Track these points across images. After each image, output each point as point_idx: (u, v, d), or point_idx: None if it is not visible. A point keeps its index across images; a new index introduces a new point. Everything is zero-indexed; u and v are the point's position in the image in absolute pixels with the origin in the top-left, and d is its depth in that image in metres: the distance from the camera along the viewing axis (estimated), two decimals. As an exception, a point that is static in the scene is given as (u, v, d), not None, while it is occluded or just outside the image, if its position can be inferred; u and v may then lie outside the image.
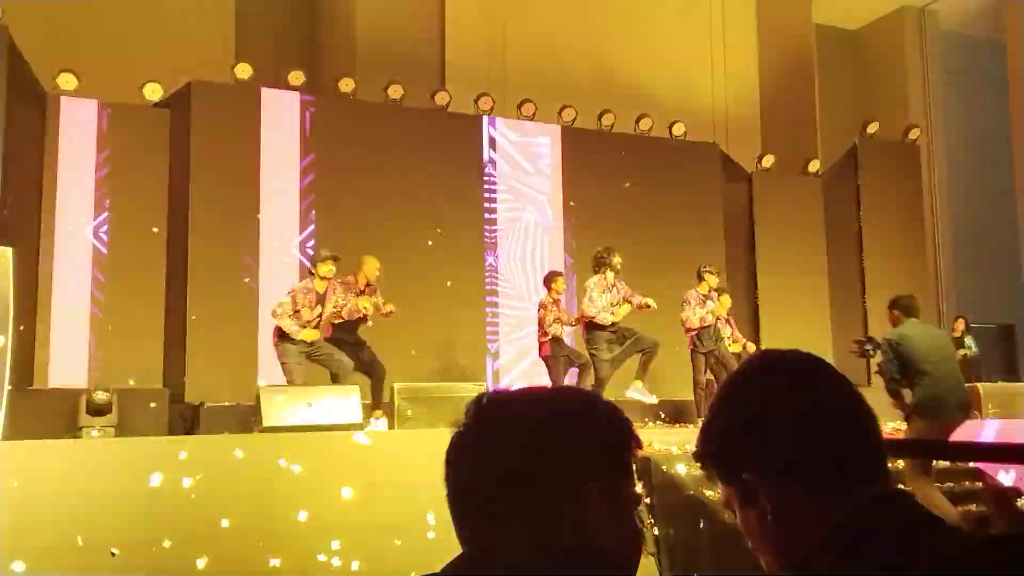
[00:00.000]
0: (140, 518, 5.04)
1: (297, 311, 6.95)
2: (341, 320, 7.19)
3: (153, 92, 8.63)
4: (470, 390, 7.10)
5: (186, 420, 7.83)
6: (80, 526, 4.88)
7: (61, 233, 8.36)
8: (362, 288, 7.34)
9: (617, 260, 7.72)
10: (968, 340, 10.98)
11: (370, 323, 7.35)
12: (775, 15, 12.79)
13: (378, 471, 5.52)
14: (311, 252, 9.00)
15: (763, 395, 1.05)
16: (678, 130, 10.89)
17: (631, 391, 7.71)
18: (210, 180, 8.59)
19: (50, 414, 7.18)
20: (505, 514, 0.97)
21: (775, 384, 1.06)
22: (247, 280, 8.70)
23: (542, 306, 7.89)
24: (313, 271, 7.14)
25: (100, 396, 7.24)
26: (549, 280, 8.05)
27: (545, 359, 7.88)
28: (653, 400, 7.89)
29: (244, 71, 8.74)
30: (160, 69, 8.81)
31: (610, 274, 7.69)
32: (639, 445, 1.04)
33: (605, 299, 7.64)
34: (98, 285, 8.45)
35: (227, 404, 7.75)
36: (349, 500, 5.41)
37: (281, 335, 7.04)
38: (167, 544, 5.04)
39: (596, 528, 0.97)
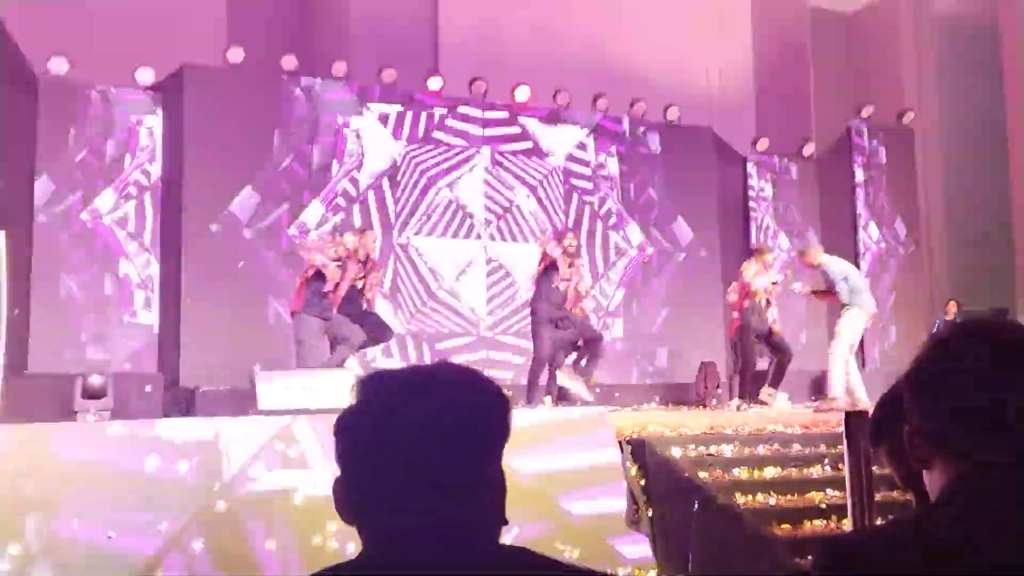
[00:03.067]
0: (136, 501, 5.05)
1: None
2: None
3: (145, 76, 8.60)
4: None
5: (181, 404, 7.85)
6: (76, 509, 4.89)
7: (54, 216, 8.35)
8: (362, 260, 7.41)
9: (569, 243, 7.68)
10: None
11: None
12: (770, -2, 12.78)
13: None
14: (305, 234, 9.01)
15: (990, 353, 1.10)
16: (672, 114, 10.88)
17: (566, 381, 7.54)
18: (204, 163, 8.57)
19: (45, 398, 7.19)
20: (396, 499, 1.00)
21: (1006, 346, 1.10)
22: (241, 264, 8.69)
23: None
24: (338, 238, 7.29)
25: (95, 380, 7.25)
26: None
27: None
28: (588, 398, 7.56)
29: (237, 55, 8.71)
30: (152, 53, 8.77)
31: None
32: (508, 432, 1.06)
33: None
34: (92, 269, 8.45)
35: (222, 388, 7.76)
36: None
37: (307, 303, 7.03)
38: (163, 527, 5.08)
39: (472, 494, 1.01)
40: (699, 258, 10.87)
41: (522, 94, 9.97)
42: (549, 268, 7.50)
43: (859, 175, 11.67)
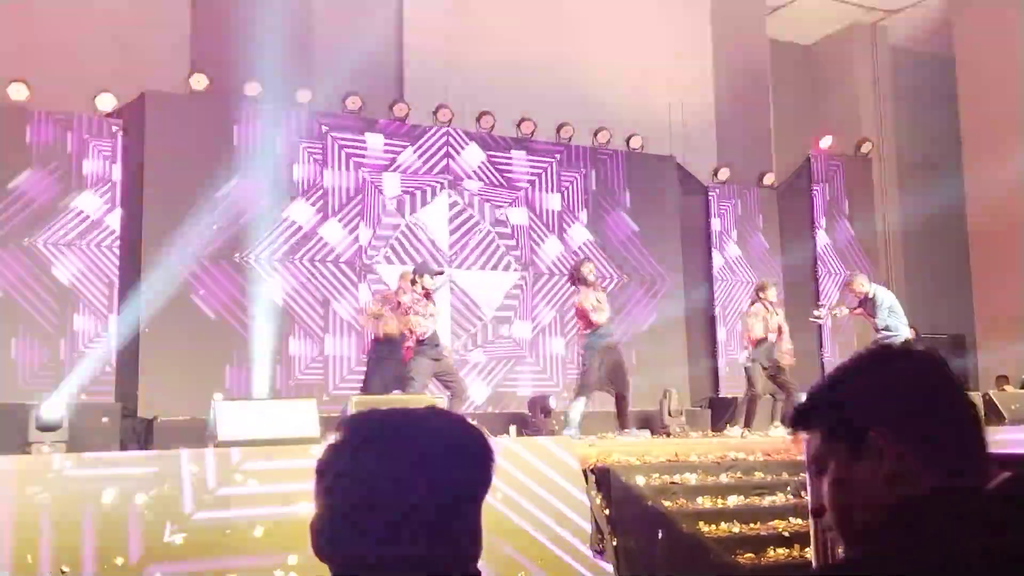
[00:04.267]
0: (92, 534, 4.94)
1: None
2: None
3: (106, 102, 8.53)
4: (424, 402, 7.10)
5: (139, 435, 7.71)
6: (30, 543, 4.78)
7: (11, 243, 8.22)
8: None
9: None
10: (921, 348, 11.20)
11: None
12: (730, 30, 13.00)
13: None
14: (266, 263, 8.95)
15: (908, 367, 1.15)
16: (635, 143, 11.01)
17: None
18: (163, 190, 8.50)
19: (2, 429, 7.03)
20: (369, 534, 1.02)
21: (922, 363, 1.16)
22: (201, 292, 8.60)
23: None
24: (417, 280, 7.28)
25: (50, 411, 7.09)
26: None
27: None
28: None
29: (199, 82, 8.67)
30: (113, 80, 8.71)
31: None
32: (489, 480, 1.08)
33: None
34: (51, 296, 8.32)
35: (181, 418, 7.64)
36: (306, 515, 5.36)
37: (418, 345, 7.13)
38: (119, 561, 4.98)
39: (452, 549, 1.03)
40: (662, 285, 10.95)
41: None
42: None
43: (819, 204, 11.87)
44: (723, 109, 12.79)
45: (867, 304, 8.55)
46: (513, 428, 7.73)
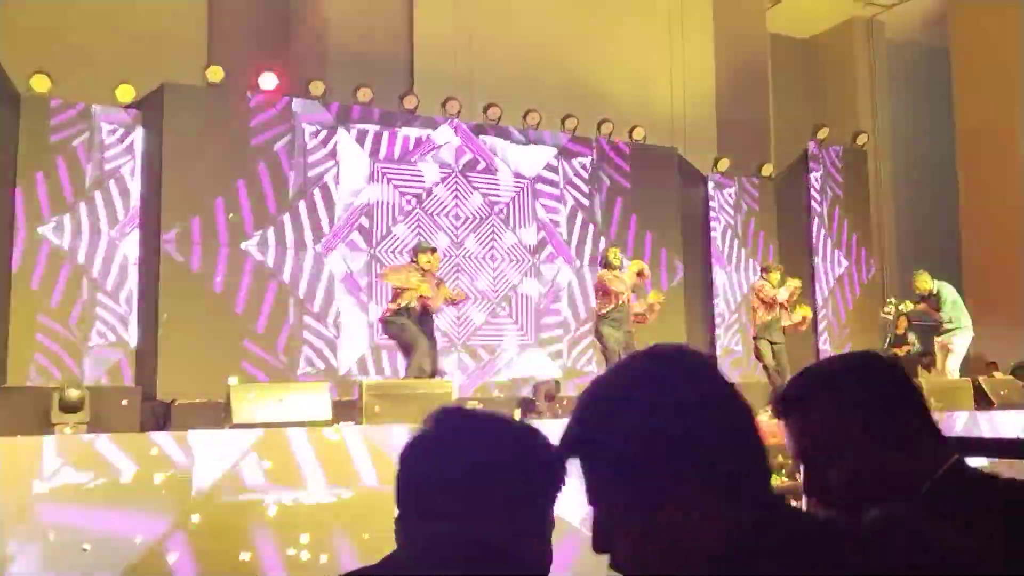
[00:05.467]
0: (112, 513, 5.09)
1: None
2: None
3: (126, 94, 8.71)
4: (436, 387, 7.31)
5: (157, 417, 7.92)
6: (52, 522, 4.96)
7: (33, 232, 8.42)
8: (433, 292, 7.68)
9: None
10: (911, 337, 11.45)
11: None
12: (731, 24, 13.14)
13: (346, 466, 5.64)
14: (281, 251, 9.17)
15: (656, 392, 0.96)
16: (638, 134, 11.21)
17: None
18: (182, 180, 8.68)
19: (24, 411, 7.25)
20: (443, 517, 1.07)
21: (672, 380, 0.98)
22: (218, 279, 8.83)
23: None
24: (418, 257, 7.43)
25: (72, 393, 7.30)
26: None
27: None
28: None
29: (216, 74, 8.84)
30: (133, 71, 8.87)
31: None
32: (563, 483, 1.13)
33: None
34: (70, 284, 8.53)
35: (198, 401, 7.86)
36: (317, 494, 5.58)
37: (398, 311, 7.28)
38: (138, 540, 5.19)
39: (519, 545, 1.09)
40: (662, 273, 11.18)
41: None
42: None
43: (815, 195, 12.06)
44: (723, 101, 12.95)
45: (931, 299, 9.16)
46: (517, 412, 7.97)
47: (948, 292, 9.20)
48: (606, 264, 8.26)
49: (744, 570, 0.90)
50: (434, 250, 7.69)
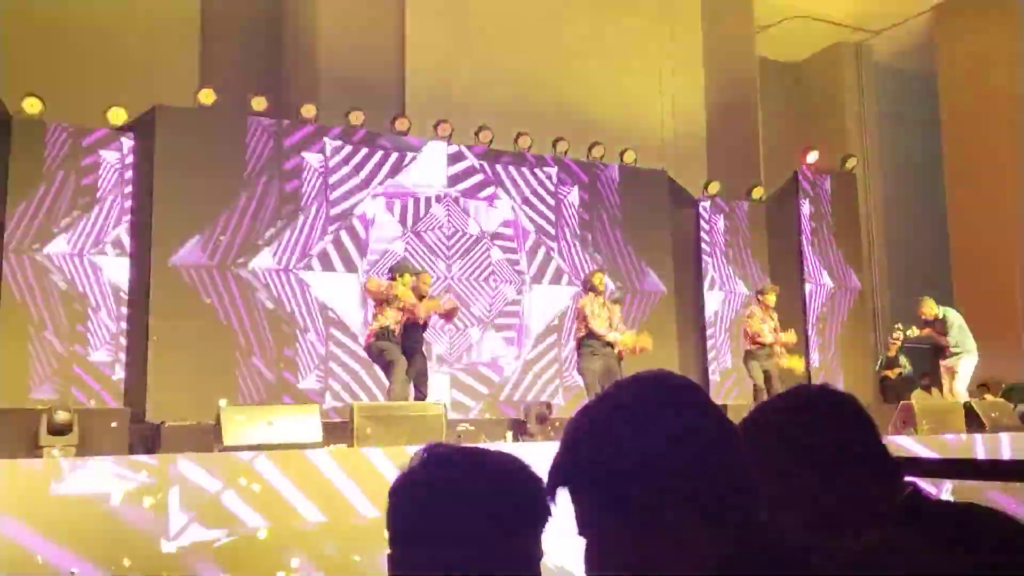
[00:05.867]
0: (98, 538, 5.06)
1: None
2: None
3: (117, 116, 8.73)
4: (428, 409, 7.29)
5: (146, 439, 7.87)
6: (40, 545, 4.91)
7: (23, 254, 8.41)
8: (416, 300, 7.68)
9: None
10: (902, 359, 11.49)
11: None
12: (720, 48, 13.28)
13: (337, 488, 5.65)
14: (271, 272, 9.17)
15: (639, 417, 0.98)
16: (628, 157, 11.28)
17: None
18: (173, 202, 8.70)
19: (12, 433, 7.19)
20: (434, 552, 1.12)
21: (651, 406, 0.99)
22: (208, 301, 8.82)
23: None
24: (397, 278, 7.40)
25: (61, 416, 7.25)
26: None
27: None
28: None
29: (208, 96, 8.88)
30: (125, 94, 8.91)
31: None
32: (550, 516, 1.17)
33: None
34: (62, 303, 8.50)
35: (187, 423, 7.81)
36: (308, 517, 5.54)
37: (379, 334, 7.25)
38: (126, 563, 5.14)
39: (510, 563, 1.14)
40: (653, 296, 11.22)
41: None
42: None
43: (805, 218, 12.14)
44: (713, 125, 13.05)
45: (937, 324, 9.43)
46: (509, 434, 7.95)
47: (954, 317, 9.48)
48: (591, 288, 8.11)
49: None
50: (418, 273, 7.67)
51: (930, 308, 9.53)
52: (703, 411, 0.99)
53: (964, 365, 9.38)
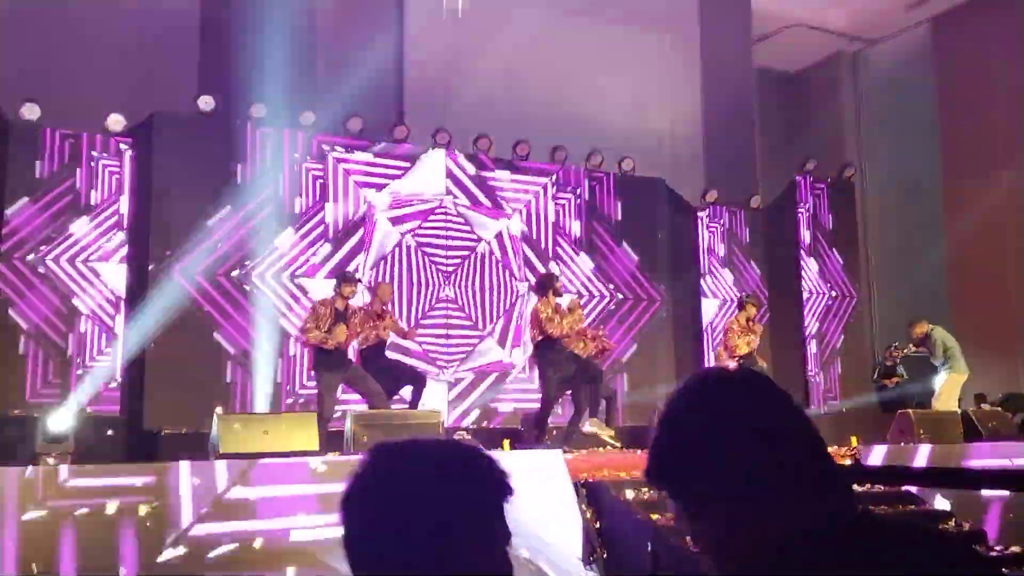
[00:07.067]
0: (94, 546, 5.07)
1: (318, 325, 7.18)
2: (366, 346, 7.55)
3: (116, 123, 8.73)
4: (425, 417, 7.28)
5: (143, 447, 7.86)
6: (35, 555, 4.91)
7: (20, 259, 8.40)
8: (379, 312, 7.64)
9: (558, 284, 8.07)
10: (900, 368, 11.50)
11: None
12: (719, 57, 13.32)
13: (333, 497, 5.61)
14: (268, 281, 9.16)
15: (714, 409, 1.07)
16: (627, 165, 11.29)
17: (588, 426, 7.90)
18: (171, 208, 8.68)
19: (9, 440, 7.18)
20: (392, 552, 1.08)
21: (722, 399, 1.09)
22: (206, 309, 8.80)
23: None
24: (337, 290, 7.40)
25: (57, 423, 7.25)
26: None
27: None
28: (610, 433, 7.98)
29: (206, 103, 8.88)
30: (124, 100, 8.91)
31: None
32: (511, 492, 1.16)
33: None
34: (59, 311, 8.48)
35: (185, 431, 7.81)
36: (305, 526, 5.53)
37: (317, 362, 7.31)
38: (122, 572, 5.12)
39: (468, 562, 1.10)
40: (651, 304, 11.23)
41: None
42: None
43: (803, 227, 12.16)
44: (711, 134, 13.07)
45: (926, 343, 9.83)
46: (507, 442, 7.93)
47: (939, 336, 9.77)
48: (549, 292, 7.82)
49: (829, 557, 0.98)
50: (358, 281, 7.68)
51: (920, 327, 9.90)
52: (783, 400, 1.10)
53: (948, 384, 9.71)
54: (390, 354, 8.06)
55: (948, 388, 9.72)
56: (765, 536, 1.01)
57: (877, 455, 7.79)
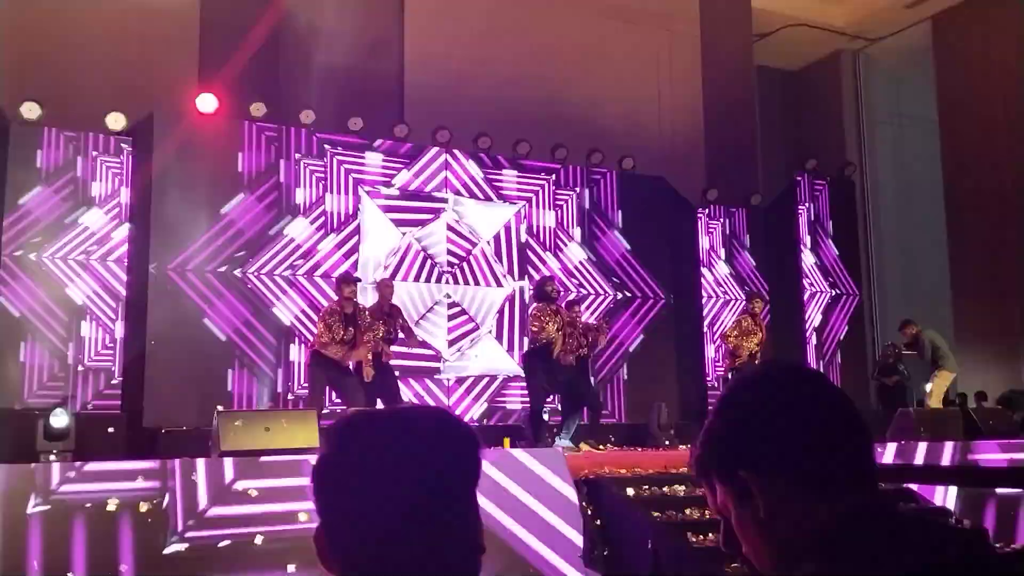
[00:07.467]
0: (94, 543, 5.08)
1: (333, 338, 7.18)
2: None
3: (116, 122, 8.73)
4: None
5: (144, 445, 7.86)
6: (38, 549, 4.94)
7: (20, 257, 8.40)
8: (386, 312, 7.65)
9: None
10: (900, 366, 11.50)
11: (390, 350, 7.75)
12: (719, 55, 13.32)
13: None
14: (269, 279, 9.16)
15: (765, 397, 1.09)
16: (627, 164, 11.29)
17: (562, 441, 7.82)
18: (171, 206, 8.69)
19: (6, 439, 7.19)
20: (369, 532, 1.01)
21: (777, 388, 1.10)
22: (206, 307, 8.81)
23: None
24: (339, 293, 7.42)
25: (58, 421, 7.26)
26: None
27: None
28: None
29: (207, 102, 8.88)
30: (124, 99, 8.91)
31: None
32: (479, 464, 1.08)
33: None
34: (60, 309, 8.49)
35: (185, 429, 7.81)
36: (306, 525, 5.54)
37: (314, 360, 7.35)
38: (123, 568, 5.13)
39: (451, 529, 1.04)
40: (652, 302, 11.23)
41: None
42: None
43: (803, 225, 12.16)
44: (711, 132, 13.07)
45: (916, 343, 10.18)
46: (507, 440, 7.94)
47: (928, 337, 10.11)
48: (543, 296, 7.89)
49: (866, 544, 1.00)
50: (357, 280, 7.69)
51: (911, 328, 10.27)
52: (838, 393, 1.12)
53: (939, 382, 10.05)
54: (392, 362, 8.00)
55: (939, 386, 10.02)
56: (809, 523, 1.02)
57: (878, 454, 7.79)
